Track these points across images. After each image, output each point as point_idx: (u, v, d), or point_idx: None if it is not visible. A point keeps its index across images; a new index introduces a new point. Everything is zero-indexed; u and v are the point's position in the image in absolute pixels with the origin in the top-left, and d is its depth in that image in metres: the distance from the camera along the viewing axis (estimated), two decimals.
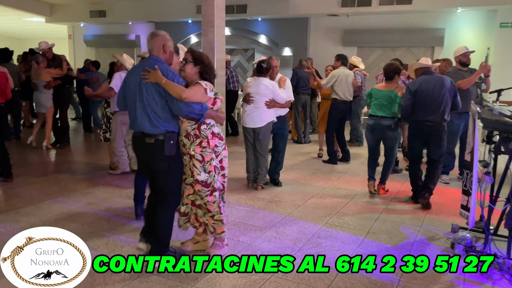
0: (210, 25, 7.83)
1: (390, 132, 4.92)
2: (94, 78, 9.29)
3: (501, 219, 3.65)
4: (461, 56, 5.51)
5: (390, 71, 4.96)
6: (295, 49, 12.06)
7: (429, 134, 4.64)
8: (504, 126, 3.09)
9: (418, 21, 10.54)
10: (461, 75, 5.41)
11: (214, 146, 3.13)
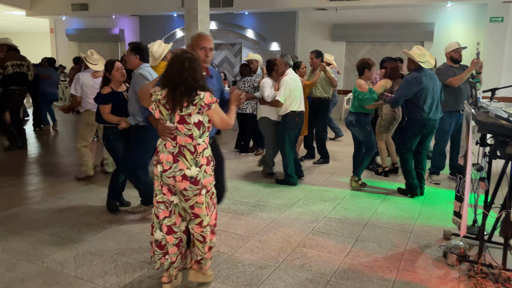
0: (193, 19, 7.56)
1: (352, 128, 5.13)
2: (45, 74, 9.06)
3: (495, 226, 3.47)
4: (453, 52, 5.26)
5: (359, 66, 5.09)
6: (283, 44, 11.79)
7: (430, 130, 4.79)
8: (501, 130, 2.89)
9: (408, 15, 10.34)
10: (452, 72, 5.19)
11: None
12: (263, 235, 3.79)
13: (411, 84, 4.63)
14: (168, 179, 2.63)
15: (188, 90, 2.53)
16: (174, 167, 2.60)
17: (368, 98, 4.93)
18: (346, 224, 4.09)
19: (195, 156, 2.61)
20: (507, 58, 9.29)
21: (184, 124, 2.57)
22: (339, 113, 11.27)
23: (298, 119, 5.25)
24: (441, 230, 3.91)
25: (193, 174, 2.60)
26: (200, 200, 2.67)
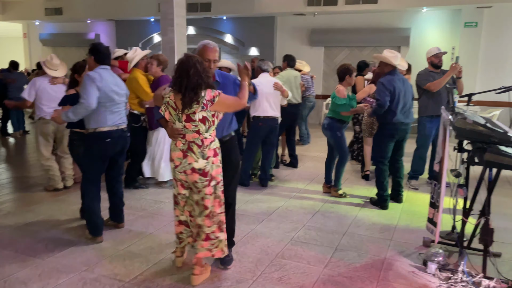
0: (169, 24, 7.39)
1: (324, 131, 5.07)
2: (9, 79, 8.85)
3: (474, 233, 3.44)
4: (433, 57, 5.28)
5: (340, 71, 4.99)
6: (261, 48, 11.73)
7: (402, 135, 4.70)
8: (479, 136, 2.86)
9: (384, 20, 10.42)
10: (432, 77, 5.20)
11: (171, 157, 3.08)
12: (241, 246, 3.67)
13: (385, 85, 4.55)
14: (179, 174, 2.92)
15: (194, 91, 2.75)
16: (184, 162, 2.88)
17: (345, 105, 4.82)
18: (326, 233, 4.00)
19: (202, 149, 2.86)
20: (482, 63, 9.44)
21: (191, 122, 2.83)
22: (318, 118, 11.26)
23: (262, 125, 5.19)
24: (421, 237, 3.86)
25: (201, 166, 2.86)
26: (209, 192, 2.92)
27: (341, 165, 5.04)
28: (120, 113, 3.76)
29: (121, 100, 3.76)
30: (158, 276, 3.13)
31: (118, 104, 3.73)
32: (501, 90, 3.37)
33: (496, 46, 9.32)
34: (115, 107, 3.69)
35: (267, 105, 5.17)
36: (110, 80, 3.66)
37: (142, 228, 4.03)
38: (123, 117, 3.82)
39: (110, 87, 3.62)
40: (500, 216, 4.42)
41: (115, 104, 3.68)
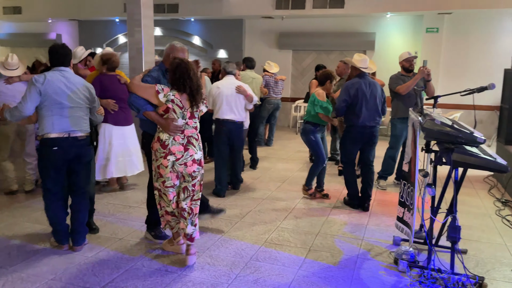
0: (136, 25, 7.24)
1: (301, 135, 5.10)
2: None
3: (441, 231, 3.56)
4: (404, 61, 5.44)
5: (322, 76, 5.00)
6: (230, 51, 11.70)
7: (369, 138, 4.70)
8: (446, 137, 2.95)
9: (351, 25, 10.65)
10: (402, 81, 5.35)
11: (155, 150, 3.24)
12: (214, 250, 3.62)
13: (348, 89, 4.62)
14: (179, 166, 3.19)
15: (198, 91, 3.19)
16: (186, 155, 3.20)
17: (326, 108, 4.82)
18: (299, 234, 4.02)
19: (198, 142, 3.28)
20: (443, 67, 9.83)
21: (193, 119, 3.24)
22: (287, 121, 11.35)
23: (221, 127, 5.06)
24: (391, 235, 3.96)
25: (199, 157, 3.27)
26: (200, 178, 3.33)
27: (315, 168, 5.03)
28: (75, 119, 3.40)
29: (77, 104, 3.40)
30: (129, 282, 3.03)
31: (71, 108, 3.38)
32: (466, 92, 3.51)
33: (456, 51, 9.73)
34: (65, 112, 3.35)
35: (227, 108, 5.03)
36: (60, 82, 3.36)
37: (111, 234, 3.91)
38: (81, 124, 3.45)
39: (57, 89, 3.32)
40: (464, 214, 4.60)
41: (65, 108, 3.35)
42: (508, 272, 3.34)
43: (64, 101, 3.36)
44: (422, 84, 5.28)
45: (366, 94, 4.60)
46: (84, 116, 3.49)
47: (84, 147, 3.51)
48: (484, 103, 9.42)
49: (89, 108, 3.56)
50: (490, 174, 6.28)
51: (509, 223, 4.40)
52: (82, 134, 3.46)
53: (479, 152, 3.01)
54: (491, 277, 3.25)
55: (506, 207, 4.90)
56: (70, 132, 3.39)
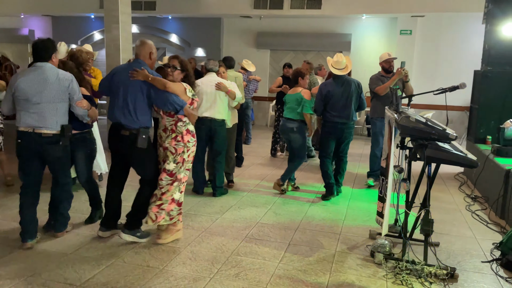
0: (114, 21, 7.17)
1: (292, 134, 5.19)
2: None
3: (415, 224, 3.70)
4: (383, 62, 5.58)
5: (293, 75, 5.30)
6: (208, 50, 11.69)
7: (341, 133, 5.06)
8: (420, 133, 3.08)
9: (327, 26, 10.83)
10: (381, 81, 5.50)
11: (186, 142, 3.59)
12: (195, 245, 3.65)
13: (321, 89, 5.07)
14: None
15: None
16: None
17: (310, 107, 5.10)
18: (279, 229, 4.10)
19: None
20: (416, 68, 10.12)
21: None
22: (265, 120, 11.44)
23: (200, 124, 4.90)
24: (367, 230, 4.08)
25: None
26: None
27: (297, 165, 5.25)
28: (41, 115, 3.37)
29: (46, 100, 3.37)
30: (111, 278, 3.03)
31: (39, 105, 3.35)
32: (439, 91, 3.66)
33: (429, 53, 10.04)
34: (32, 108, 3.35)
35: (207, 105, 5.00)
36: (30, 79, 3.35)
37: (91, 231, 3.88)
38: (47, 121, 3.39)
39: (26, 86, 3.33)
40: (436, 209, 4.78)
41: (32, 104, 3.34)
42: (478, 263, 3.51)
43: (31, 98, 3.35)
44: (401, 85, 5.44)
45: (337, 93, 4.95)
46: (53, 113, 3.41)
47: (49, 145, 3.44)
48: (455, 103, 9.76)
49: (67, 103, 3.51)
50: (460, 172, 6.53)
51: (478, 217, 4.61)
52: (48, 131, 3.41)
53: (451, 148, 3.16)
54: (462, 268, 3.41)
55: (475, 203, 5.13)
56: (35, 128, 3.38)
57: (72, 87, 3.50)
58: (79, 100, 3.55)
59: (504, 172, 4.55)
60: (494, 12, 5.95)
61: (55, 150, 3.48)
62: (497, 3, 5.90)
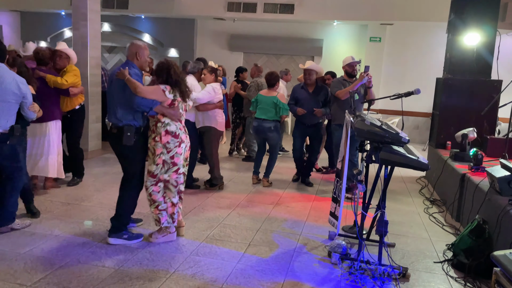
0: (82, 18, 7.05)
1: (270, 133, 5.63)
2: None
3: (372, 225, 3.80)
4: (347, 66, 5.37)
5: (272, 79, 5.66)
6: (181, 50, 11.64)
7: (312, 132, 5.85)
8: (375, 136, 3.17)
9: (300, 31, 10.97)
10: (344, 86, 5.26)
11: (166, 143, 3.60)
12: (154, 245, 3.63)
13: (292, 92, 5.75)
14: (187, 152, 3.74)
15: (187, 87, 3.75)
16: (187, 141, 3.72)
17: (287, 110, 5.65)
18: (240, 230, 4.12)
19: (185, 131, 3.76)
20: (384, 75, 10.37)
21: (185, 111, 3.74)
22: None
23: None
24: (327, 231, 4.15)
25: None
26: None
27: (274, 160, 5.84)
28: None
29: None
30: (63, 279, 2.98)
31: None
32: (395, 96, 3.78)
33: (396, 60, 10.31)
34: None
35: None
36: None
37: (47, 231, 3.80)
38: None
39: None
40: (395, 211, 4.92)
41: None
42: (430, 264, 3.63)
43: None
44: (363, 90, 5.26)
45: (305, 98, 5.61)
46: (5, 113, 3.50)
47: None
48: (421, 110, 10.06)
49: (18, 104, 3.60)
50: (422, 176, 6.73)
51: (435, 219, 4.76)
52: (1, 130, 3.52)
53: (404, 152, 3.26)
54: (415, 268, 3.51)
55: (433, 205, 5.29)
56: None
57: (26, 92, 3.61)
58: (30, 104, 3.67)
59: (460, 176, 4.72)
60: (455, 22, 6.18)
61: (3, 149, 3.57)
62: (458, 13, 6.12)
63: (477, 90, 6.04)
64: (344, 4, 9.59)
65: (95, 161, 6.58)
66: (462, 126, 5.68)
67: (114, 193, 4.93)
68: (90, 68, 7.03)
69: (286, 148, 8.19)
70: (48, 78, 4.68)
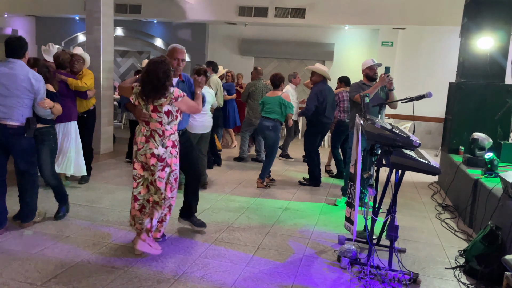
0: (95, 23, 7.17)
1: (268, 132, 5.74)
2: None
3: (382, 230, 3.75)
4: (367, 69, 5.07)
5: (276, 80, 5.91)
6: (193, 55, 11.72)
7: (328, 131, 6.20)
8: (385, 140, 3.14)
9: (311, 35, 10.97)
10: (363, 89, 4.90)
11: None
12: (164, 247, 3.63)
13: (318, 95, 5.79)
14: (141, 157, 3.40)
15: (154, 88, 3.26)
16: (146, 147, 3.36)
17: (292, 108, 5.82)
18: (249, 233, 4.11)
19: (162, 139, 3.36)
20: (396, 79, 10.23)
21: (157, 113, 3.32)
22: None
23: None
24: (337, 235, 4.12)
25: (160, 153, 3.35)
26: (162, 176, 3.39)
27: (271, 161, 5.85)
28: (7, 107, 3.59)
29: (12, 95, 3.58)
30: (73, 279, 3.00)
31: (5, 98, 3.58)
32: (406, 100, 3.74)
33: (409, 65, 10.23)
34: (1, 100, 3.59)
35: None
36: (1, 73, 3.59)
37: (58, 232, 3.84)
38: (12, 113, 3.60)
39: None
40: (407, 217, 4.86)
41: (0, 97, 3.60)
42: (441, 270, 3.57)
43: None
44: (383, 94, 4.99)
45: (329, 98, 5.92)
46: (19, 107, 3.63)
47: (13, 136, 3.64)
48: (433, 115, 9.96)
49: (30, 99, 3.70)
50: (434, 181, 6.65)
51: (447, 225, 4.69)
52: (12, 123, 3.61)
53: (415, 156, 3.22)
54: (426, 273, 3.46)
55: (446, 211, 5.22)
56: (0, 119, 3.59)
57: (38, 88, 3.71)
58: (41, 100, 3.75)
59: (472, 181, 4.65)
60: (469, 26, 6.11)
61: (21, 142, 3.68)
62: (472, 17, 6.06)
63: (490, 94, 5.96)
64: (355, 8, 9.57)
65: (107, 164, 6.64)
66: (475, 131, 5.60)
67: (125, 195, 5.00)
68: (102, 72, 7.14)
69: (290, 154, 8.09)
70: (69, 81, 4.95)
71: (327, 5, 9.75)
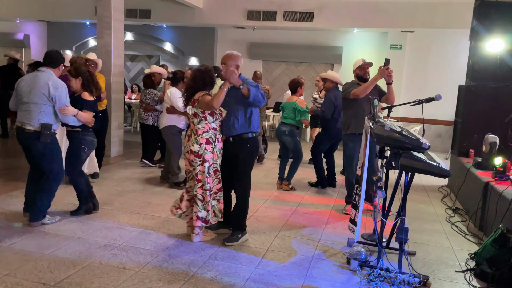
0: (106, 28, 7.26)
1: (285, 137, 5.89)
2: None
3: (392, 233, 3.75)
4: (358, 69, 4.85)
5: (292, 85, 6.00)
6: (201, 59, 11.81)
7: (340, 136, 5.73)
8: (395, 142, 3.15)
9: (319, 38, 10.99)
10: (356, 87, 4.68)
11: None
12: (173, 249, 3.67)
13: (334, 100, 5.79)
14: (186, 154, 3.81)
15: (189, 93, 3.79)
16: (187, 145, 3.80)
17: (306, 113, 5.86)
18: (259, 235, 4.13)
19: (196, 137, 3.73)
20: (405, 82, 10.27)
21: (191, 116, 3.83)
22: None
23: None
24: (346, 238, 4.12)
25: (196, 149, 3.71)
26: (202, 170, 3.73)
27: (296, 165, 5.91)
28: (30, 113, 3.83)
29: (32, 101, 3.82)
30: (85, 279, 3.05)
31: (26, 104, 3.84)
32: (415, 102, 3.74)
33: (418, 68, 10.20)
34: (23, 106, 3.87)
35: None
36: (28, 81, 3.88)
37: (70, 233, 3.89)
38: (31, 118, 3.83)
39: (23, 87, 3.88)
40: (417, 220, 4.85)
41: (22, 103, 3.87)
42: (451, 273, 3.55)
43: (22, 97, 3.88)
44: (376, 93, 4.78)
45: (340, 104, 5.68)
46: (37, 112, 3.84)
47: (30, 140, 3.87)
48: (443, 118, 9.91)
49: (49, 106, 3.89)
50: (444, 184, 6.61)
51: (457, 228, 4.66)
52: (30, 127, 3.84)
53: (425, 158, 3.22)
54: (436, 276, 3.45)
55: (456, 214, 5.19)
56: (22, 124, 3.87)
57: (57, 95, 3.88)
58: (62, 106, 3.91)
59: (483, 184, 4.63)
60: (478, 28, 6.09)
61: (37, 147, 3.88)
62: (481, 20, 6.04)
63: (501, 97, 5.92)
64: (364, 11, 9.58)
65: (117, 167, 6.71)
66: (486, 134, 5.57)
67: (135, 198, 5.05)
68: (113, 76, 7.22)
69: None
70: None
71: (336, 9, 9.78)
